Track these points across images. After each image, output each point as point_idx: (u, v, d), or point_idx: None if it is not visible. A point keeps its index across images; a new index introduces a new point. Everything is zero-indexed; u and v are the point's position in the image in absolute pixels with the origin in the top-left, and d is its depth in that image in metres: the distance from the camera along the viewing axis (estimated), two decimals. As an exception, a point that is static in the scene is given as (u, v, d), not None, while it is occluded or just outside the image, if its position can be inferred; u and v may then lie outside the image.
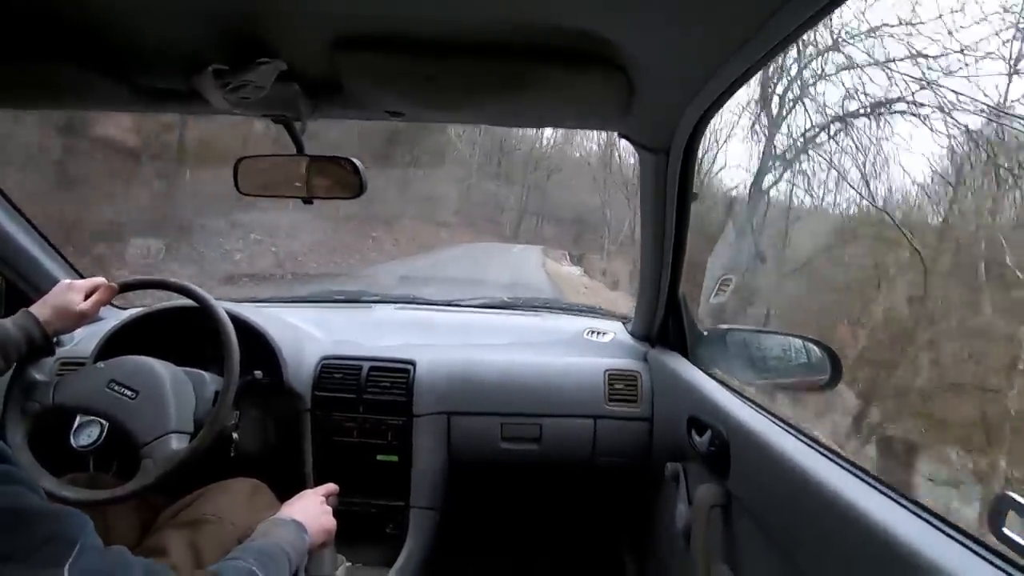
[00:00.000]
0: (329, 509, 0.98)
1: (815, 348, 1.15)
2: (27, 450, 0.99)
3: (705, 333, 1.36)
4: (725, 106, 0.86)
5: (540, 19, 0.63)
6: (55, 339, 1.03)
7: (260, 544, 0.79)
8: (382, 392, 1.39)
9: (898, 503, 0.64)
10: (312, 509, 0.94)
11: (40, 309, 1.00)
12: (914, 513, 0.62)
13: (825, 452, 0.79)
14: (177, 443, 1.00)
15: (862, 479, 0.70)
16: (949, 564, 0.52)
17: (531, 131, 15.93)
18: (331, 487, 1.03)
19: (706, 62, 0.70)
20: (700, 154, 1.13)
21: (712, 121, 0.95)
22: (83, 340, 1.42)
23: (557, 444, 1.42)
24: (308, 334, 1.50)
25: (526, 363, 1.48)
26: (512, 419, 1.41)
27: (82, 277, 1.38)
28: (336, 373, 1.40)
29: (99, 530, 0.58)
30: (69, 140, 6.33)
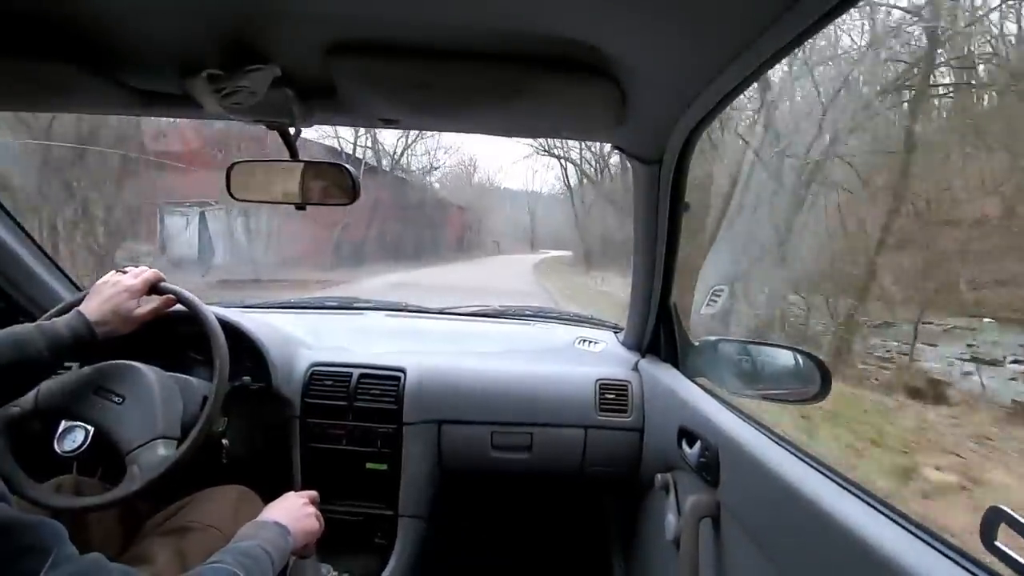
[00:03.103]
0: (312, 511, 0.96)
1: (805, 360, 1.16)
2: (9, 455, 0.97)
3: (696, 343, 1.36)
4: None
5: (535, 28, 0.64)
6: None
7: (242, 546, 0.78)
8: (372, 400, 1.38)
9: (885, 515, 0.64)
10: (295, 511, 0.93)
11: (93, 310, 0.97)
12: (901, 525, 0.62)
13: (815, 464, 0.79)
14: (164, 449, 0.98)
15: (851, 491, 0.71)
16: None
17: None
18: (311, 494, 1.01)
19: (699, 74, 0.71)
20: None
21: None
22: None
23: (548, 453, 1.41)
24: (298, 340, 1.49)
25: (517, 372, 1.48)
26: (503, 428, 1.41)
27: (80, 290, 1.35)
28: (326, 380, 1.39)
29: (81, 537, 0.57)
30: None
